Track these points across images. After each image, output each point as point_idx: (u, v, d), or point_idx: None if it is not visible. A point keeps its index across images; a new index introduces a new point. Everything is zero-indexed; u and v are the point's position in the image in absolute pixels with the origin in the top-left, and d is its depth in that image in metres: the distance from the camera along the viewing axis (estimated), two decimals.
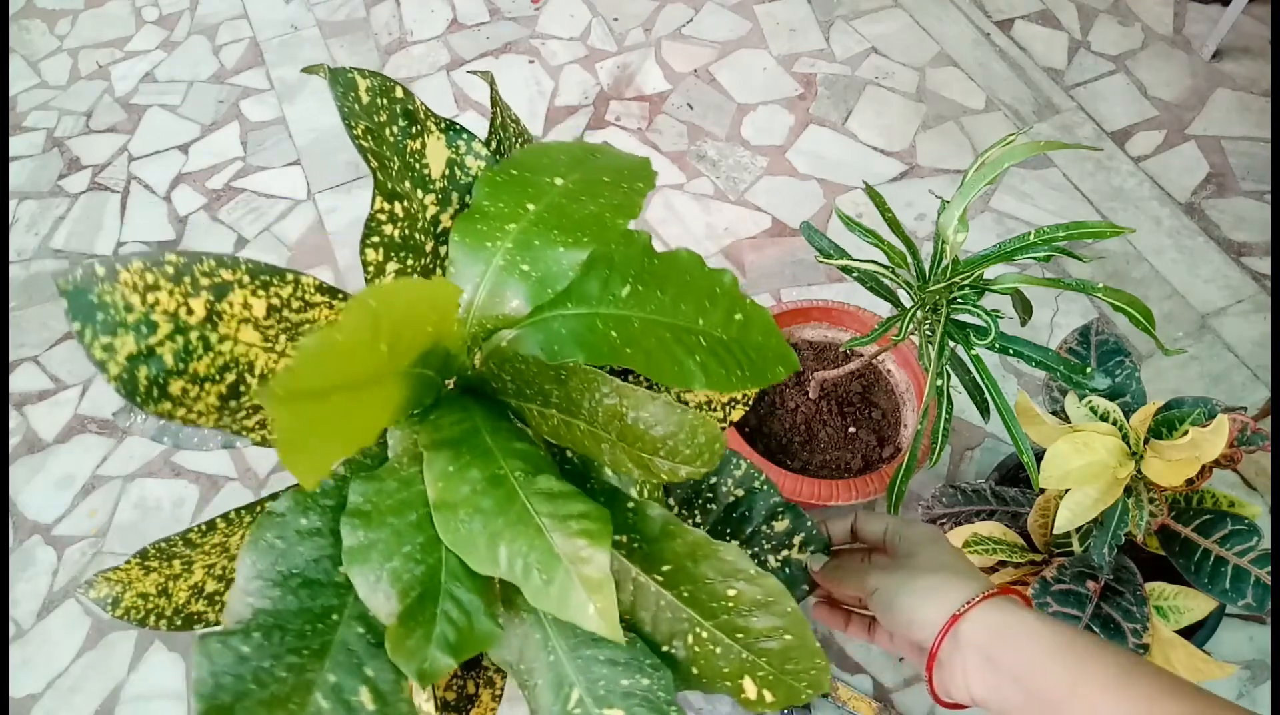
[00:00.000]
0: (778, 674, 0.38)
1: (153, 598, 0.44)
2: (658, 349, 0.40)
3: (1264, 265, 1.17)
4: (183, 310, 0.34)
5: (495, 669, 0.48)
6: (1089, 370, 0.59)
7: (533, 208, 0.42)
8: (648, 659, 0.37)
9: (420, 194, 0.43)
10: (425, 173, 0.44)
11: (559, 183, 0.43)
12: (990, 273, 0.62)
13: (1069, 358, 0.63)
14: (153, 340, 0.33)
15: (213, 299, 0.35)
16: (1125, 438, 0.65)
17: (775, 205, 1.27)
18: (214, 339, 0.34)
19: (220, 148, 1.40)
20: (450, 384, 0.40)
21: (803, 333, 0.96)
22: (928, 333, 0.63)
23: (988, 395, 0.63)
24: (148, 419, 0.46)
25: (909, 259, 0.64)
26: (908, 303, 0.64)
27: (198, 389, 0.34)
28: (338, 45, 1.52)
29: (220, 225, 1.30)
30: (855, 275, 0.68)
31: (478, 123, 1.40)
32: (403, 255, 0.41)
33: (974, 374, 0.64)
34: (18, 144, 1.42)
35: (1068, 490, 0.64)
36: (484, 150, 0.46)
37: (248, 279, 0.35)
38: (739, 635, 0.38)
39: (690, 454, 0.33)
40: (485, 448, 0.35)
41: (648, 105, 1.39)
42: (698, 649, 0.38)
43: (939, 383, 0.63)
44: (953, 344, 0.62)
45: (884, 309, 0.92)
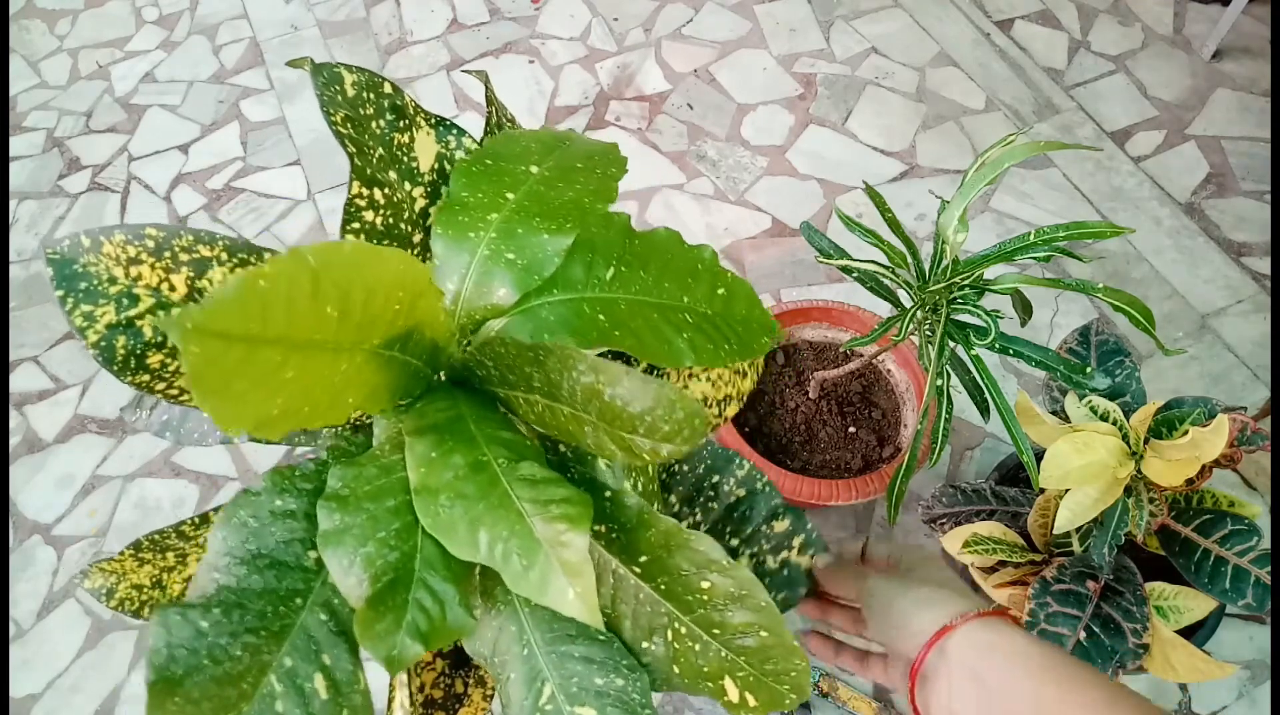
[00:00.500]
0: (758, 675, 0.38)
1: (147, 590, 0.44)
2: (646, 329, 0.39)
3: (1264, 265, 1.17)
4: (165, 285, 0.35)
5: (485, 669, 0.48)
6: (1089, 370, 0.59)
7: (512, 196, 0.42)
8: (624, 660, 0.37)
9: (408, 187, 0.43)
10: (414, 166, 0.44)
11: (534, 170, 0.43)
12: (990, 273, 0.62)
13: (1069, 358, 0.63)
14: (133, 312, 0.34)
15: (193, 275, 0.35)
16: (1125, 438, 0.65)
17: (775, 205, 1.27)
18: None
19: (220, 148, 1.40)
20: (441, 377, 0.40)
21: (803, 333, 0.96)
22: (928, 333, 0.63)
23: (988, 395, 0.63)
24: (152, 414, 0.46)
25: (909, 259, 0.64)
26: (908, 303, 0.64)
27: (176, 364, 0.35)
28: (338, 45, 1.52)
29: (220, 225, 1.30)
30: (855, 275, 0.68)
31: (478, 122, 1.40)
32: (387, 243, 0.41)
33: (974, 374, 0.64)
34: (18, 144, 1.42)
35: (1068, 490, 0.64)
36: (475, 146, 0.46)
37: (226, 256, 0.36)
38: (715, 631, 0.37)
39: (670, 431, 0.33)
40: (469, 435, 0.35)
41: (648, 105, 1.39)
42: (677, 646, 0.38)
43: (939, 383, 0.63)
44: (953, 344, 0.62)
45: (884, 309, 0.92)
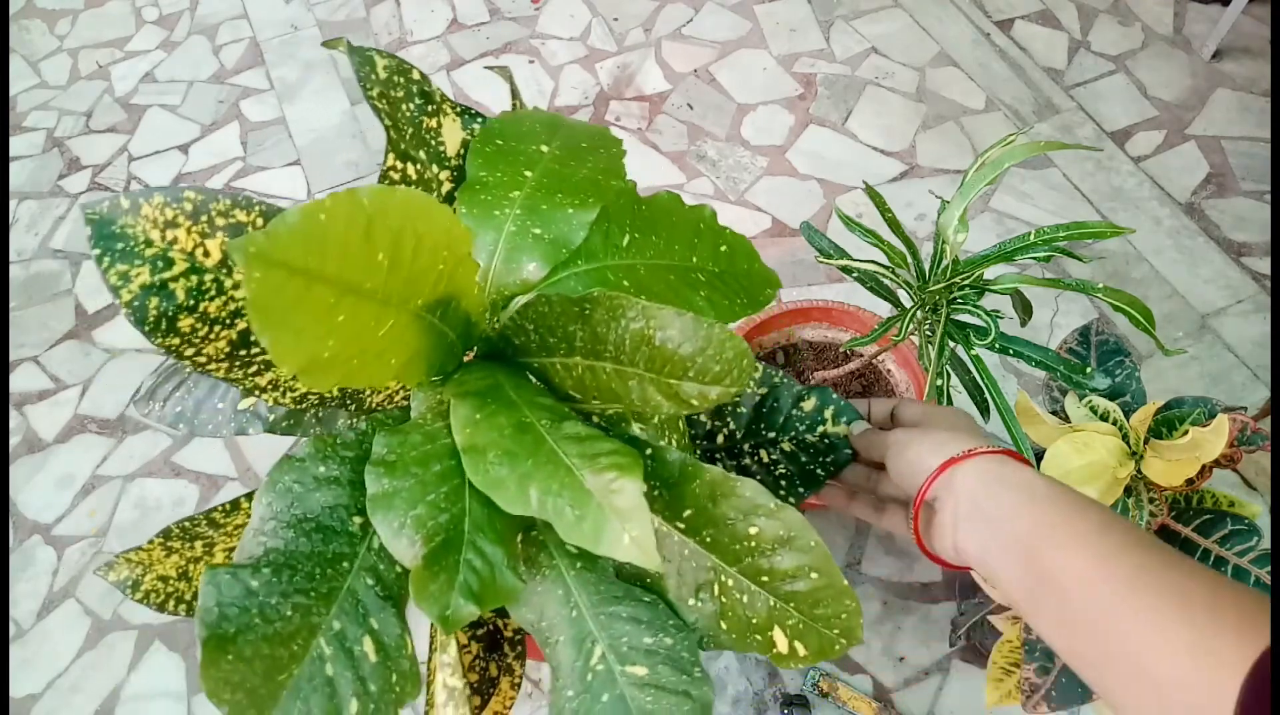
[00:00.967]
0: (808, 620, 0.37)
1: (173, 581, 0.44)
2: (667, 291, 0.40)
3: (1264, 265, 1.17)
4: (199, 250, 0.35)
5: (514, 655, 0.48)
6: (1089, 370, 0.59)
7: (530, 174, 0.43)
8: (671, 619, 0.37)
9: (435, 169, 0.44)
10: (441, 149, 0.45)
11: (545, 149, 0.44)
12: (990, 273, 0.62)
13: (1069, 358, 0.63)
14: (167, 275, 0.34)
15: (229, 240, 0.35)
16: (1125, 438, 0.65)
17: (775, 205, 1.27)
18: (228, 284, 0.35)
19: (220, 148, 1.40)
20: (472, 355, 0.40)
21: (803, 333, 0.96)
22: (928, 333, 0.63)
23: (988, 395, 0.63)
24: (165, 406, 0.46)
25: (909, 259, 0.64)
26: (908, 303, 0.64)
27: (207, 329, 0.35)
28: None
29: None
30: (855, 275, 0.68)
31: None
32: None
33: (974, 374, 0.64)
34: (18, 144, 1.42)
35: None
36: None
37: (261, 222, 0.36)
38: (764, 579, 0.37)
39: (720, 371, 0.33)
40: (509, 400, 0.36)
41: (648, 105, 1.39)
42: (724, 600, 0.38)
43: (939, 383, 0.63)
44: (953, 344, 0.62)
45: (884, 309, 0.92)
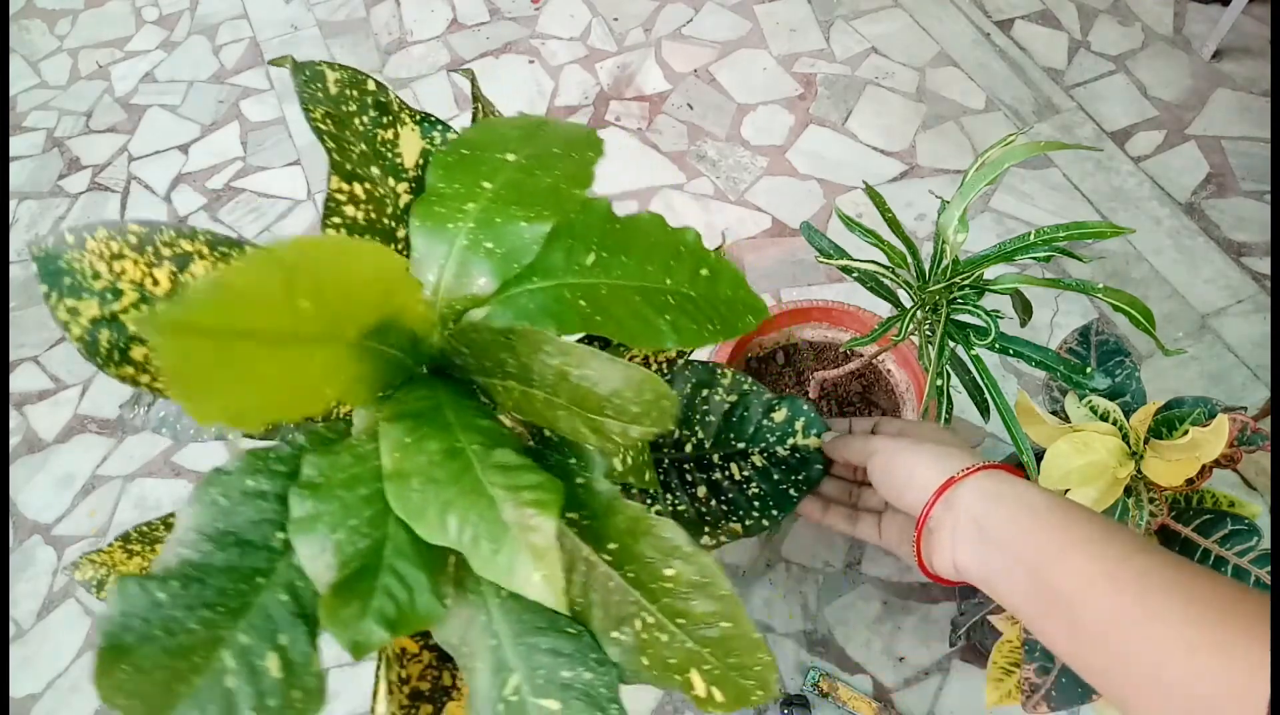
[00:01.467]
0: (723, 668, 0.37)
1: None
2: (627, 313, 0.39)
3: (1264, 265, 1.17)
4: (148, 280, 0.35)
5: None
6: (1089, 370, 0.59)
7: (489, 185, 0.42)
8: (593, 653, 0.37)
9: (392, 182, 0.43)
10: (398, 161, 0.44)
11: (511, 158, 0.43)
12: (990, 273, 0.62)
13: (1069, 358, 0.63)
14: (117, 307, 0.35)
15: (175, 270, 0.36)
16: (1125, 438, 0.65)
17: (775, 205, 1.27)
18: None
19: (220, 148, 1.40)
20: (423, 368, 0.40)
21: (803, 333, 0.96)
22: (928, 333, 0.63)
23: (988, 395, 0.63)
24: (150, 411, 0.46)
25: (909, 259, 0.64)
26: (908, 303, 0.64)
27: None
28: (338, 45, 1.52)
29: (220, 225, 1.30)
30: (855, 275, 0.67)
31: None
32: (370, 237, 0.41)
33: (974, 374, 0.64)
34: (18, 144, 1.42)
35: (1068, 490, 0.64)
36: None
37: (207, 250, 0.37)
38: (680, 621, 0.37)
39: (639, 412, 0.33)
40: (445, 422, 0.35)
41: (648, 105, 1.39)
42: (645, 636, 0.38)
43: (939, 383, 0.63)
44: (953, 344, 0.62)
45: (884, 309, 0.92)
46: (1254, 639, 0.29)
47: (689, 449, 0.52)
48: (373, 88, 0.43)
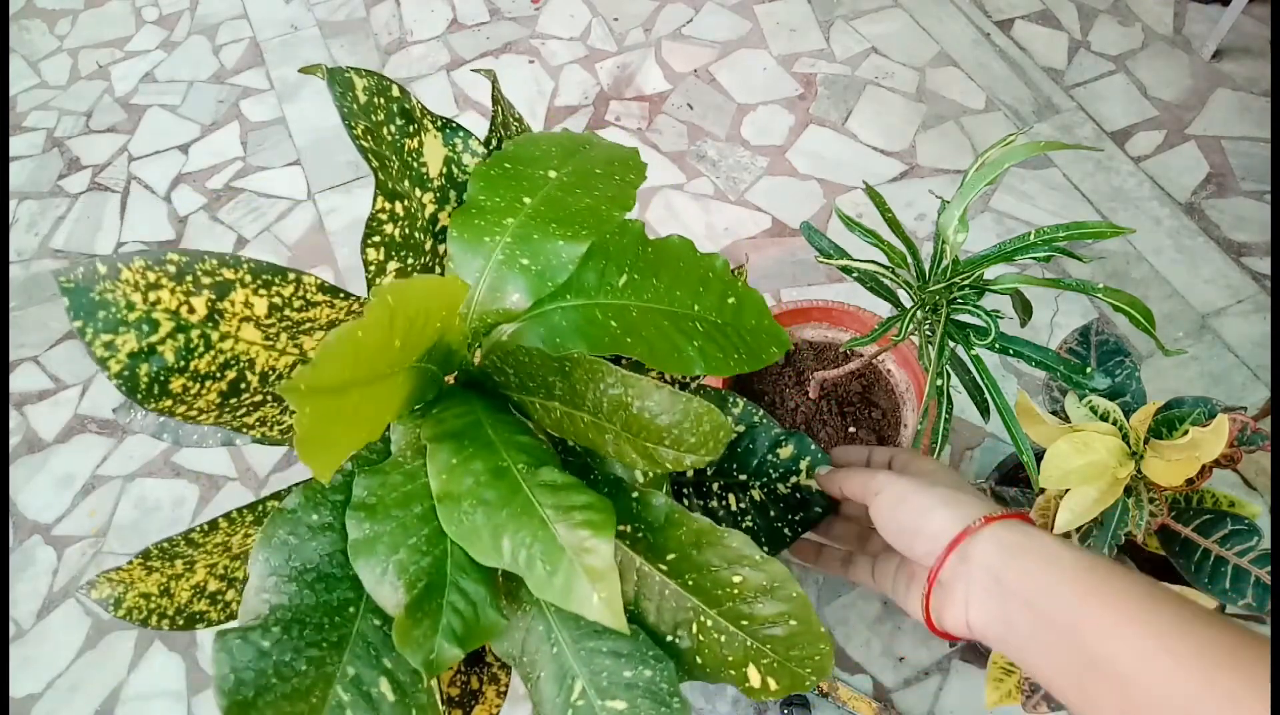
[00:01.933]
0: (782, 660, 0.38)
1: (155, 598, 0.44)
2: (657, 336, 0.40)
3: (1264, 265, 1.17)
4: (184, 308, 0.34)
5: (500, 665, 0.48)
6: (1089, 370, 0.59)
7: (529, 201, 0.42)
8: (650, 650, 0.37)
9: (418, 192, 0.43)
10: (423, 171, 0.44)
11: (552, 175, 0.43)
12: (990, 273, 0.62)
13: (1069, 358, 0.63)
14: (154, 338, 0.33)
15: (214, 297, 0.35)
16: (1125, 438, 0.65)
17: (775, 205, 1.27)
18: (215, 337, 0.34)
19: (220, 148, 1.40)
20: (451, 380, 0.40)
21: (803, 333, 0.96)
22: (928, 333, 0.63)
23: (988, 395, 0.63)
24: (147, 415, 0.46)
25: (909, 259, 0.64)
26: (908, 303, 0.64)
27: (198, 386, 0.34)
28: (338, 45, 1.52)
29: (220, 225, 1.30)
30: (855, 275, 0.67)
31: (478, 123, 1.40)
32: (403, 254, 0.41)
33: (974, 374, 0.64)
34: (18, 144, 1.42)
35: (1068, 490, 0.64)
36: (481, 148, 0.46)
37: (250, 278, 0.36)
38: (744, 622, 0.38)
39: (695, 442, 0.33)
40: (488, 440, 0.36)
41: (648, 105, 1.39)
42: (702, 638, 0.38)
43: (939, 383, 0.63)
44: (953, 344, 0.62)
45: (884, 309, 0.92)
46: None
47: (689, 473, 0.52)
48: (397, 94, 0.43)
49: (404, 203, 0.41)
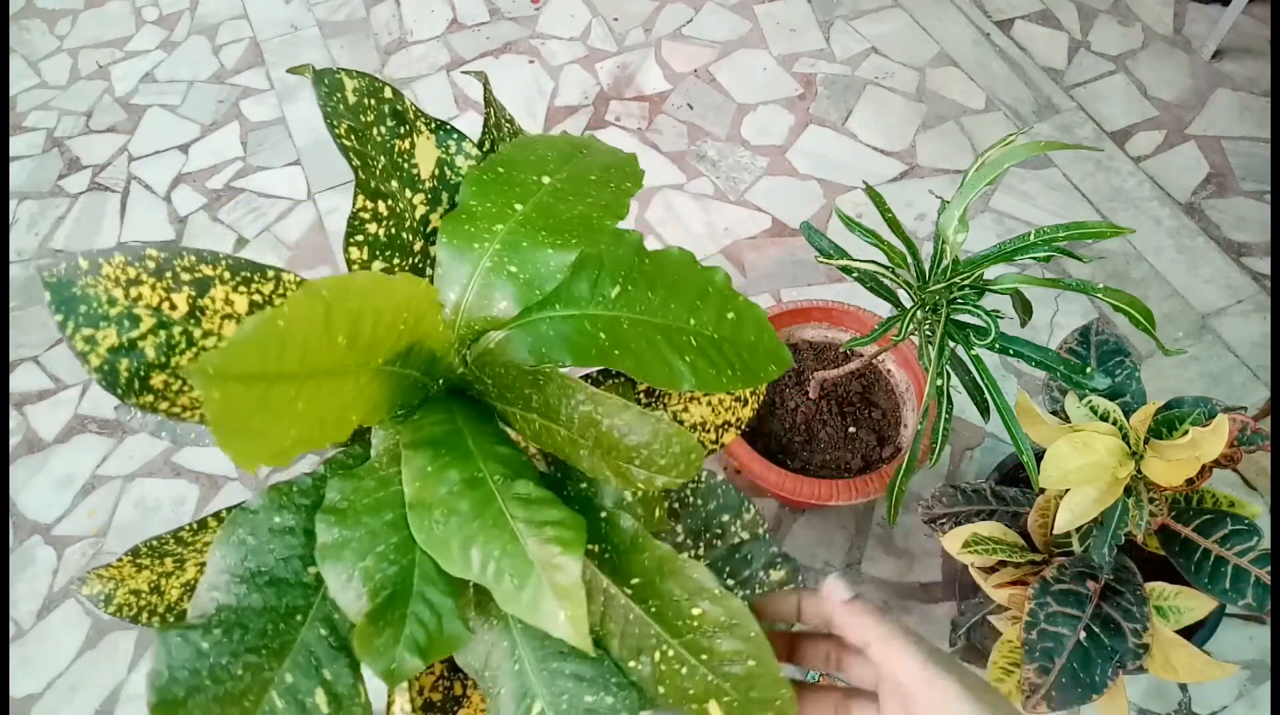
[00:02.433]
0: (743, 701, 0.37)
1: (145, 595, 0.44)
2: (647, 350, 0.39)
3: (1264, 265, 1.17)
4: (165, 305, 0.34)
5: None
6: (1089, 370, 0.59)
7: (520, 208, 0.41)
8: (614, 677, 0.37)
9: (409, 194, 0.43)
10: (414, 172, 0.44)
11: (546, 181, 0.43)
12: (990, 273, 0.62)
13: (1069, 358, 0.63)
14: (135, 333, 0.34)
15: (195, 294, 0.35)
16: (1125, 438, 0.65)
17: (775, 205, 1.27)
18: (197, 334, 0.35)
19: (220, 148, 1.40)
20: (439, 386, 0.40)
21: (803, 333, 0.96)
22: (928, 333, 0.63)
23: (988, 395, 0.63)
24: (146, 414, 0.46)
25: (909, 259, 0.64)
26: (908, 303, 0.64)
27: (180, 383, 0.35)
28: (338, 45, 1.52)
29: (220, 225, 1.30)
30: (855, 275, 0.67)
31: (478, 123, 1.40)
32: (389, 254, 0.41)
33: (974, 374, 0.64)
34: (18, 144, 1.42)
35: (1068, 490, 0.64)
36: (475, 150, 0.46)
37: (228, 275, 0.36)
38: (703, 656, 0.37)
39: (666, 464, 0.33)
40: (466, 450, 0.35)
41: (648, 105, 1.39)
42: (664, 667, 0.38)
43: (939, 383, 0.63)
44: (953, 344, 0.62)
45: (884, 309, 0.92)
46: None
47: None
48: (389, 95, 0.42)
49: (387, 202, 0.41)
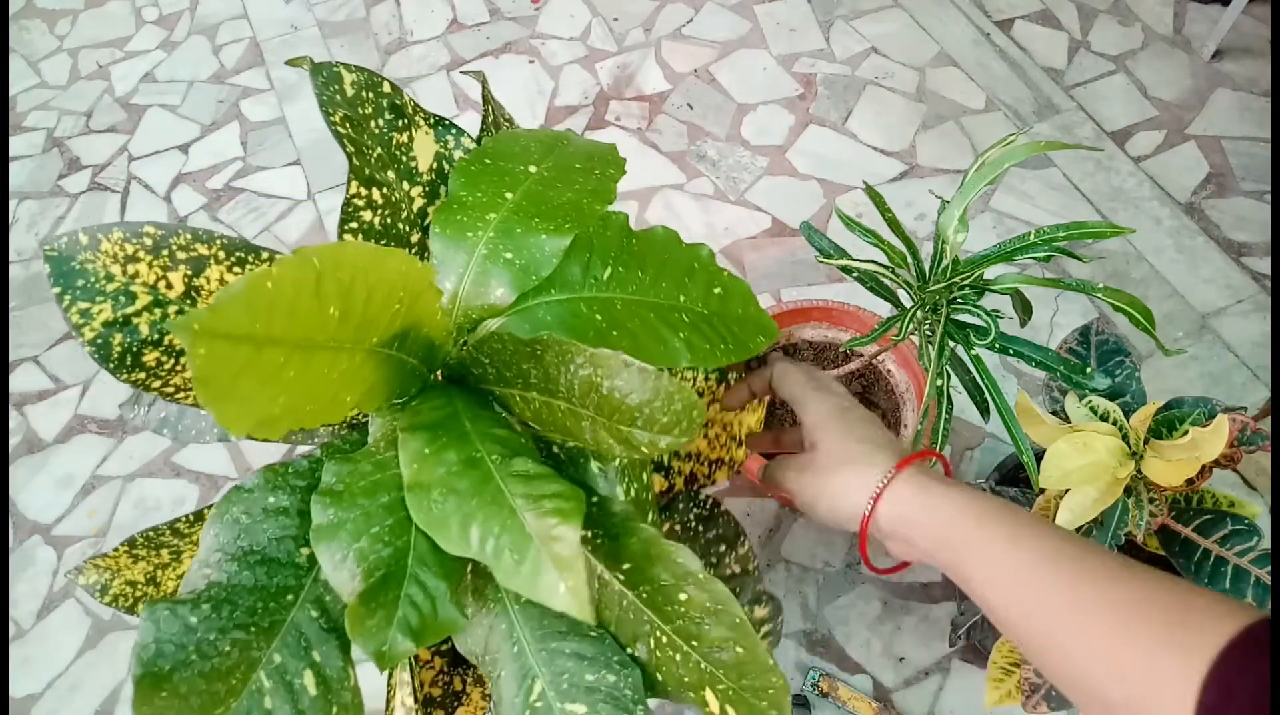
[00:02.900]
0: (736, 689, 0.37)
1: (141, 586, 0.44)
2: (642, 329, 0.40)
3: (1264, 265, 1.17)
4: (162, 283, 0.35)
5: None
6: (1089, 370, 0.59)
7: (511, 196, 0.42)
8: (615, 655, 0.37)
9: (406, 186, 0.43)
10: (412, 165, 0.44)
11: (533, 170, 0.43)
12: (990, 273, 0.62)
13: (1069, 358, 0.63)
14: (130, 310, 0.34)
15: (190, 274, 0.35)
16: (1125, 438, 0.65)
17: (775, 205, 1.27)
18: None
19: (220, 148, 1.40)
20: (438, 376, 0.40)
21: (803, 333, 0.96)
22: (928, 333, 0.63)
23: (988, 395, 0.63)
24: (150, 411, 0.46)
25: (909, 259, 0.64)
26: (908, 303, 0.64)
27: (172, 361, 0.35)
28: (338, 45, 1.52)
29: (220, 225, 1.30)
30: (855, 275, 0.67)
31: (478, 123, 1.40)
32: (384, 243, 0.41)
33: (974, 374, 0.64)
34: (18, 144, 1.42)
35: (1068, 490, 0.64)
36: (474, 146, 0.46)
37: (223, 254, 0.37)
38: (694, 643, 0.37)
39: (668, 422, 0.33)
40: (463, 431, 0.35)
41: (648, 105, 1.39)
42: (659, 654, 0.38)
43: (939, 383, 0.63)
44: (953, 344, 0.62)
45: (884, 309, 0.92)
46: (1206, 636, 0.30)
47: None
48: (388, 90, 0.43)
49: (382, 190, 0.41)
